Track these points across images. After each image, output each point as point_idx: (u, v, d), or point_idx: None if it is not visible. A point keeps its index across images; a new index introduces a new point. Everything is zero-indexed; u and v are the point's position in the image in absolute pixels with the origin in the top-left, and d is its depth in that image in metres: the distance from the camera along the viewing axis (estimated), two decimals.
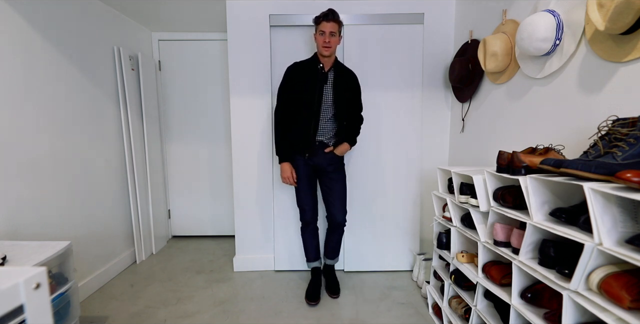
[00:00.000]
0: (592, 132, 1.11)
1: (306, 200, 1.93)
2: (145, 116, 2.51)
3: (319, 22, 1.73)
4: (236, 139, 2.22)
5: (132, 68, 2.39)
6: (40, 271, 0.52)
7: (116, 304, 1.85)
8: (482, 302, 1.29)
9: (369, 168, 2.22)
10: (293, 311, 1.79)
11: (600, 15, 0.98)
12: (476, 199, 1.27)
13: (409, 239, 2.28)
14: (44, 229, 1.66)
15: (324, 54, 1.78)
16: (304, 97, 1.82)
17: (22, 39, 1.56)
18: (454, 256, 1.47)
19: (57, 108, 1.76)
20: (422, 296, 1.93)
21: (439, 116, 2.23)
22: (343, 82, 1.86)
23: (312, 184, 1.95)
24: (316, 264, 2.06)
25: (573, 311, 0.85)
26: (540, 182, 0.98)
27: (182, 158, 2.94)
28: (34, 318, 0.50)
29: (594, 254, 0.78)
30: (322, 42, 1.74)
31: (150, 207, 2.59)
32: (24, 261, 1.17)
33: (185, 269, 2.34)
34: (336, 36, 1.76)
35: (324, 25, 1.72)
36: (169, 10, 2.31)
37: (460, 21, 2.06)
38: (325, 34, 1.73)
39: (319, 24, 1.74)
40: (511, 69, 1.54)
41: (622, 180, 0.71)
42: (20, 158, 1.54)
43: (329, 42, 1.74)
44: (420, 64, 2.15)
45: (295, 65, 1.88)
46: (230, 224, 2.99)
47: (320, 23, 1.73)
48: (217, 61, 2.83)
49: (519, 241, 1.06)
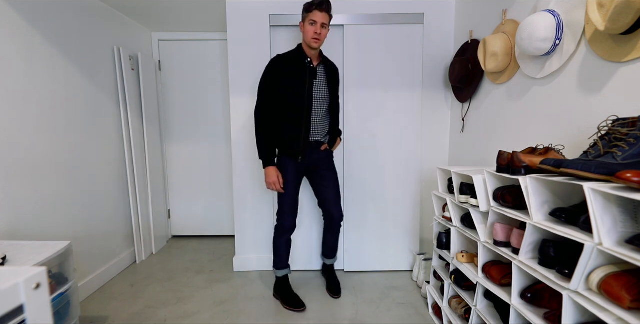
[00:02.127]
0: (592, 132, 1.11)
1: (291, 206, 1.80)
2: (145, 116, 2.51)
3: (311, 11, 1.59)
4: (236, 139, 2.22)
5: (132, 68, 2.39)
6: (40, 271, 0.52)
7: (116, 304, 1.85)
8: (482, 302, 1.29)
9: (369, 168, 2.22)
10: (293, 311, 1.79)
11: (600, 15, 0.98)
12: (476, 199, 1.27)
13: (409, 239, 2.28)
14: (44, 229, 1.66)
15: (313, 46, 1.64)
16: (291, 93, 1.68)
17: (22, 38, 1.56)
18: (454, 256, 1.47)
19: (57, 108, 1.76)
20: (422, 296, 1.93)
21: (439, 116, 2.23)
22: (331, 75, 1.80)
23: (298, 188, 1.82)
24: (287, 271, 1.92)
25: (573, 311, 0.85)
26: (540, 182, 0.98)
27: (182, 158, 2.94)
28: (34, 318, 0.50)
29: (594, 254, 0.78)
30: (312, 32, 1.60)
31: (150, 207, 2.59)
32: (24, 261, 1.17)
33: (185, 269, 2.34)
34: (326, 28, 1.64)
35: (316, 14, 1.58)
36: (169, 10, 2.31)
37: (460, 21, 2.06)
38: (316, 24, 1.59)
39: (311, 13, 1.59)
40: (511, 69, 1.54)
41: (622, 180, 0.71)
42: (20, 158, 1.54)
43: (319, 33, 1.60)
44: (420, 64, 2.15)
45: (279, 58, 1.71)
46: (230, 224, 2.99)
47: (312, 11, 1.59)
48: (217, 61, 2.83)
49: (519, 241, 1.06)
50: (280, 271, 1.90)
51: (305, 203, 2.24)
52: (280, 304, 1.85)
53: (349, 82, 2.15)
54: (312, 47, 1.67)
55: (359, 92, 2.16)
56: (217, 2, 2.16)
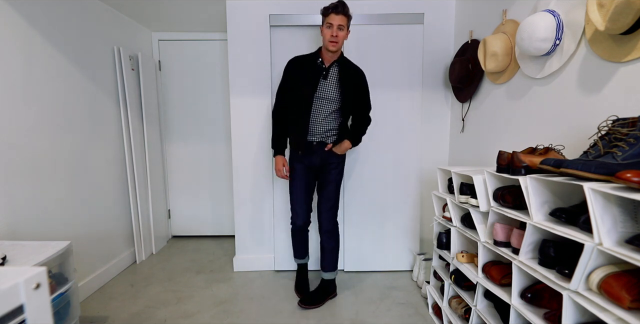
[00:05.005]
0: (592, 132, 1.11)
1: (298, 201, 1.84)
2: (145, 116, 2.51)
3: (327, 14, 1.62)
4: (236, 139, 2.22)
5: (132, 68, 2.39)
6: (40, 271, 0.52)
7: (116, 304, 1.85)
8: (482, 302, 1.29)
9: (369, 168, 2.22)
10: (293, 311, 1.79)
11: (600, 16, 0.98)
12: (476, 199, 1.26)
13: (409, 239, 2.28)
14: (44, 229, 1.66)
15: (330, 49, 1.67)
16: (298, 91, 1.74)
17: (22, 38, 1.56)
18: (454, 256, 1.47)
19: (57, 108, 1.76)
20: (422, 296, 1.93)
21: (439, 116, 2.23)
22: (347, 77, 1.76)
23: (308, 186, 1.85)
24: (304, 261, 2.04)
25: (573, 311, 0.85)
26: (540, 182, 0.98)
27: (182, 158, 2.94)
28: (34, 318, 0.50)
29: (594, 254, 0.78)
30: (329, 35, 1.63)
31: (150, 207, 2.59)
32: (24, 261, 1.17)
33: (185, 269, 2.34)
34: (344, 30, 1.65)
35: (332, 17, 1.61)
36: (169, 10, 2.31)
37: (460, 21, 2.06)
38: (332, 27, 1.62)
39: (327, 16, 1.63)
40: (511, 69, 1.54)
41: (622, 180, 0.71)
42: (20, 158, 1.54)
43: (336, 36, 1.63)
44: (420, 64, 2.15)
45: (295, 59, 1.80)
46: (230, 224, 2.99)
47: (328, 15, 1.62)
48: (217, 61, 2.83)
49: (519, 241, 1.06)
50: (296, 259, 2.05)
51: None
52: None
53: None
54: (329, 49, 1.68)
55: None
56: (217, 2, 2.16)
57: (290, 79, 1.78)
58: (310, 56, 1.79)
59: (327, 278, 1.94)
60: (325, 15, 1.64)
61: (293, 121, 1.79)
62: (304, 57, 1.79)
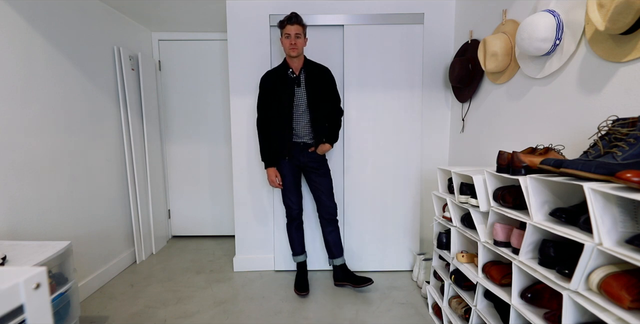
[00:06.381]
0: (592, 132, 1.11)
1: (292, 198, 2.02)
2: (145, 116, 2.51)
3: (284, 26, 1.81)
4: (236, 139, 2.22)
5: (132, 68, 2.39)
6: (40, 271, 0.52)
7: (116, 304, 1.85)
8: (482, 302, 1.29)
9: (369, 168, 2.22)
10: (293, 311, 1.79)
11: (600, 16, 0.98)
12: (476, 199, 1.26)
13: (409, 239, 2.28)
14: (44, 229, 1.66)
15: (292, 54, 1.84)
16: (276, 103, 1.90)
17: (22, 38, 1.56)
18: (454, 256, 1.47)
19: (57, 108, 1.76)
20: (422, 296, 1.93)
21: (439, 116, 2.23)
22: (315, 80, 1.91)
23: (297, 182, 2.03)
24: (302, 258, 2.11)
25: (573, 311, 0.85)
26: (540, 182, 0.98)
27: (182, 158, 2.94)
28: (34, 318, 0.50)
29: (594, 254, 0.78)
30: (288, 44, 1.81)
31: (150, 207, 2.59)
32: (24, 261, 1.17)
33: (185, 269, 2.34)
34: (301, 38, 1.84)
35: (289, 28, 1.79)
36: (169, 10, 2.31)
37: (460, 21, 2.06)
38: (290, 36, 1.80)
39: (284, 28, 1.81)
40: (511, 69, 1.54)
41: (622, 180, 0.71)
42: (20, 158, 1.54)
43: (294, 43, 1.81)
44: (420, 64, 2.15)
45: (267, 74, 1.95)
46: (230, 224, 2.99)
47: (284, 27, 1.81)
48: (217, 61, 2.83)
49: (519, 241, 1.06)
50: (295, 258, 2.12)
51: (306, 205, 2.24)
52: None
53: (349, 82, 2.15)
54: (291, 55, 1.86)
55: (359, 92, 2.16)
56: (217, 2, 2.16)
57: (268, 93, 1.93)
58: (280, 68, 1.93)
59: (339, 264, 2.07)
60: (282, 28, 1.83)
61: (277, 128, 1.93)
62: (275, 71, 1.94)
